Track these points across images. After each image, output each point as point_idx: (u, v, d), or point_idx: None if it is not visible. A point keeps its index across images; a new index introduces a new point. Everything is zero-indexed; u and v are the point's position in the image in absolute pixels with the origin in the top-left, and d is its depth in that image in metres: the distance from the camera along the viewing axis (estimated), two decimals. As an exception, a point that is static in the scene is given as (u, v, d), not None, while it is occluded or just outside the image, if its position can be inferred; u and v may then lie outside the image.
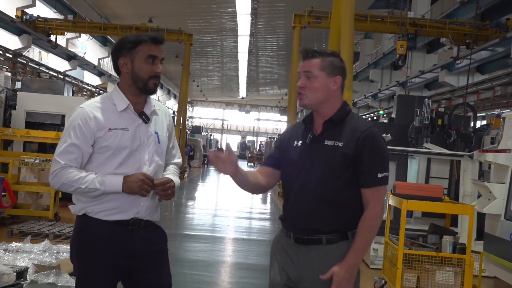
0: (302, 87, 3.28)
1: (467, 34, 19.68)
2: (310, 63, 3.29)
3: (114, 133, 3.23)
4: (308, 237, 3.23)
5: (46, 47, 26.43)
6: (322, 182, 3.23)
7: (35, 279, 7.02)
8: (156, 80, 3.31)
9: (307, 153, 3.28)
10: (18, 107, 14.11)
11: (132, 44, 3.27)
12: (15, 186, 11.41)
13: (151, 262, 3.36)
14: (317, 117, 3.36)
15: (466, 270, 7.01)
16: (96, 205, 3.25)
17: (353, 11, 10.29)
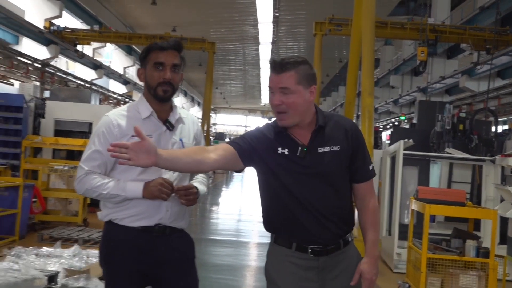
0: (280, 105, 3.03)
1: (487, 39, 19.56)
2: (284, 77, 3.03)
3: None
4: (329, 247, 3.12)
5: (73, 56, 26.66)
6: (332, 190, 3.13)
7: (65, 283, 7.08)
8: (165, 87, 3.28)
9: (305, 165, 3.08)
10: (47, 115, 14.23)
11: (144, 54, 3.33)
12: (44, 192, 11.52)
13: (178, 269, 3.37)
14: (298, 129, 3.13)
15: (490, 274, 6.96)
16: (121, 211, 3.29)
17: (373, 18, 10.27)
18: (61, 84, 23.91)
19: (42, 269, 6.94)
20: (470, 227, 8.67)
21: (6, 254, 8.08)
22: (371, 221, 3.21)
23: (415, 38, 21.50)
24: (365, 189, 3.24)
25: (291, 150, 3.09)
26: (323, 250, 3.11)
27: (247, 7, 27.53)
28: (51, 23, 23.72)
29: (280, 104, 3.01)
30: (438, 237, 7.97)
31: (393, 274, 8.94)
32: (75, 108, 14.59)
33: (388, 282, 8.66)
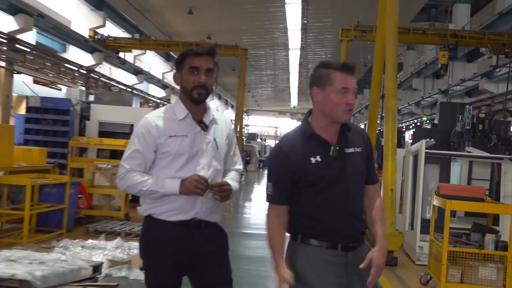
0: (353, 104, 3.06)
1: (506, 43, 19.30)
2: (354, 80, 3.09)
3: (174, 140, 3.28)
4: (354, 243, 3.13)
5: (116, 63, 26.86)
6: (358, 189, 3.17)
7: (109, 273, 7.15)
8: (200, 90, 3.30)
9: (336, 166, 3.08)
10: (91, 118, 14.38)
11: (179, 60, 3.35)
12: (90, 189, 11.65)
13: (212, 260, 3.38)
14: (328, 128, 3.11)
15: (508, 266, 6.89)
16: (159, 206, 3.31)
17: (396, 24, 10.20)
18: (105, 89, 24.11)
19: (88, 260, 7.01)
20: (489, 221, 8.58)
21: (55, 246, 8.19)
22: (380, 217, 3.22)
23: (436, 43, 21.26)
24: (375, 190, 3.28)
25: (323, 154, 3.06)
26: (351, 246, 3.11)
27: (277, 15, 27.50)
28: (95, 32, 23.92)
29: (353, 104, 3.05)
30: (458, 231, 7.90)
31: (416, 266, 8.87)
32: (117, 111, 14.72)
33: (411, 273, 8.59)
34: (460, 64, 26.20)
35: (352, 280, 3.10)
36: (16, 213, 9.28)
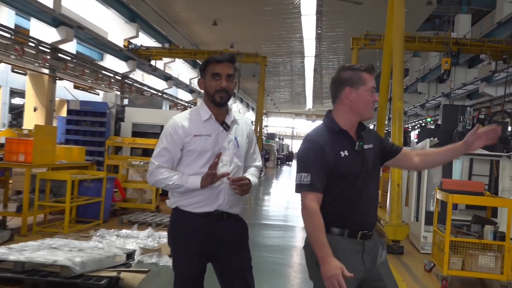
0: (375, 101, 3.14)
1: (504, 50, 19.14)
2: None
3: (199, 139, 3.29)
4: (371, 231, 3.12)
5: (148, 70, 27.03)
6: (375, 181, 3.18)
7: (141, 259, 7.19)
8: (222, 94, 3.30)
9: (360, 160, 3.07)
10: (126, 119, 14.45)
11: (203, 66, 3.36)
12: (124, 184, 11.71)
13: (234, 248, 3.38)
14: (351, 125, 3.12)
15: (505, 255, 6.83)
16: (185, 199, 3.32)
17: (403, 33, 10.13)
18: (138, 93, 24.27)
19: (122, 247, 7.05)
20: (488, 214, 8.51)
21: (92, 235, 8.25)
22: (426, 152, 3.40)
23: (439, 50, 21.12)
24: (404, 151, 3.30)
25: (349, 149, 3.05)
26: (368, 234, 3.10)
27: (294, 26, 27.47)
28: (129, 42, 24.07)
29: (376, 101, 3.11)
30: (459, 222, 7.83)
31: (420, 254, 8.81)
32: (149, 113, 14.78)
33: (416, 261, 8.54)
34: (461, 70, 26.05)
35: (368, 264, 3.09)
36: (58, 206, 9.35)
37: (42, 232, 8.61)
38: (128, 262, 6.51)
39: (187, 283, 3.35)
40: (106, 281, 5.68)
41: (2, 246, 6.51)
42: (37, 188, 8.86)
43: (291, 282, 6.96)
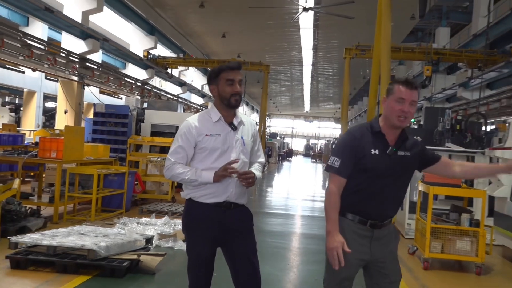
0: (407, 112, 3.04)
1: (479, 59, 19.11)
2: (415, 93, 3.07)
3: (210, 138, 3.29)
4: (382, 222, 3.16)
5: (164, 77, 27.05)
6: (402, 184, 3.19)
7: (158, 244, 7.19)
8: (237, 97, 3.30)
9: (388, 162, 3.09)
10: (145, 120, 14.47)
11: (215, 74, 3.33)
12: (144, 177, 11.73)
13: (241, 234, 3.37)
14: (389, 130, 3.13)
15: (480, 240, 6.83)
16: (198, 191, 3.31)
17: (389, 44, 10.11)
18: (156, 97, 24.30)
19: (142, 233, 7.06)
20: (464, 203, 8.50)
21: (116, 222, 8.26)
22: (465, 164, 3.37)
23: (422, 59, 21.11)
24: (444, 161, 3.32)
25: (381, 150, 3.09)
26: (378, 224, 3.14)
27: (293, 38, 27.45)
28: (148, 53, 24.12)
29: (408, 111, 3.04)
30: (439, 211, 7.82)
31: (405, 239, 8.79)
32: (166, 115, 14.80)
33: (400, 245, 8.40)
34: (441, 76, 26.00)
35: (374, 250, 3.14)
36: (85, 196, 9.37)
37: (71, 220, 8.64)
38: (147, 246, 6.52)
39: (199, 265, 3.35)
40: (128, 263, 5.69)
41: (37, 232, 6.52)
42: (67, 181, 8.89)
43: (290, 264, 6.95)
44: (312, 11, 20.42)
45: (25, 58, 14.52)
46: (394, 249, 3.23)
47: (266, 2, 19.98)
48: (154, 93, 24.85)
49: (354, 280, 3.24)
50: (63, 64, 16.42)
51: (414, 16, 21.76)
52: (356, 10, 18.90)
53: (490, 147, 10.05)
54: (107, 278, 5.51)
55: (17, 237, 6.06)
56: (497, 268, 7.38)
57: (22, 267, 5.65)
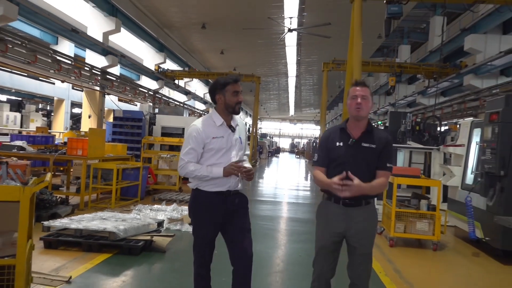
0: (361, 104, 3.17)
1: (435, 71, 19.18)
2: (366, 90, 3.21)
3: (216, 140, 3.31)
4: (354, 201, 3.18)
5: (172, 87, 26.92)
6: (362, 171, 3.16)
7: (168, 227, 7.19)
8: (239, 105, 3.36)
9: (350, 151, 3.17)
10: (156, 123, 14.44)
11: (222, 85, 3.35)
12: (155, 171, 11.72)
13: (238, 215, 3.40)
14: (355, 126, 3.23)
15: (436, 221, 6.87)
16: (203, 182, 3.32)
17: (360, 59, 10.13)
18: (165, 104, 24.22)
19: (154, 218, 7.04)
20: (423, 191, 8.55)
21: (132, 209, 8.25)
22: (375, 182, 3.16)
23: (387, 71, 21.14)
24: (381, 173, 3.21)
25: (345, 142, 3.21)
26: (350, 204, 3.19)
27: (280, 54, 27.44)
28: (158, 67, 24.00)
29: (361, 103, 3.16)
30: (402, 198, 7.86)
31: (374, 222, 8.81)
32: (173, 119, 14.78)
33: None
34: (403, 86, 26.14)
35: (348, 224, 3.19)
36: (106, 187, 9.34)
37: (95, 207, 8.61)
38: (159, 229, 6.52)
39: (204, 244, 3.36)
40: (142, 243, 5.69)
41: (66, 218, 6.50)
42: (91, 174, 8.88)
43: (278, 242, 6.96)
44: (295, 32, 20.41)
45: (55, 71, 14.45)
46: (368, 227, 3.22)
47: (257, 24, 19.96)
48: (163, 101, 24.76)
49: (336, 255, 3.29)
50: (87, 77, 16.34)
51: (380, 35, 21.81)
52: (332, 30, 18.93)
53: (444, 145, 10.09)
54: (125, 256, 5.50)
55: (49, 221, 6.05)
56: (450, 245, 7.43)
57: (54, 247, 5.64)
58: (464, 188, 7.77)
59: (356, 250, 3.20)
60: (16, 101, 23.72)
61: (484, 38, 15.94)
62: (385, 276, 5.36)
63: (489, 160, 6.60)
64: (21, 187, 2.95)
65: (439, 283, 5.39)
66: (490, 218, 6.44)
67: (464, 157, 8.09)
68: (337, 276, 3.37)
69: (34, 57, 12.83)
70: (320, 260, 3.28)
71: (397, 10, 9.58)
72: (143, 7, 19.47)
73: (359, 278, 3.21)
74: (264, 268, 5.43)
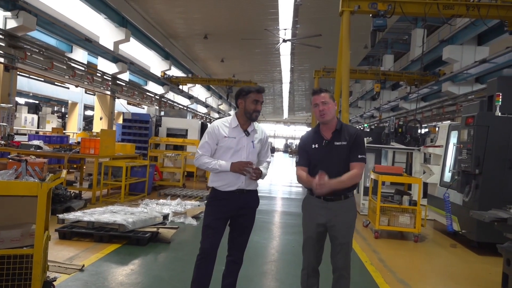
0: (322, 110, 3.21)
1: (416, 79, 19.23)
2: (324, 95, 3.24)
3: (227, 139, 3.32)
4: (332, 197, 3.20)
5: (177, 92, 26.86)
6: (339, 167, 3.18)
7: (172, 220, 7.17)
8: (257, 113, 3.34)
9: (325, 151, 3.21)
10: (162, 125, 14.42)
11: (245, 92, 3.36)
12: (161, 168, 11.70)
13: (245, 213, 3.39)
14: (326, 128, 3.27)
15: (417, 215, 6.88)
16: (218, 181, 3.32)
17: (348, 67, 10.15)
18: (170, 108, 24.17)
19: (160, 211, 7.03)
20: (405, 188, 8.55)
21: (140, 203, 8.23)
22: (346, 176, 3.15)
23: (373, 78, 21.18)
24: (354, 165, 3.20)
25: (319, 144, 3.24)
26: (330, 199, 3.21)
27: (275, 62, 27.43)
28: (164, 73, 23.94)
29: (324, 109, 3.21)
30: (386, 194, 7.88)
31: (360, 215, 8.83)
32: (178, 121, 14.76)
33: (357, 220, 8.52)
34: (387, 92, 26.18)
35: (329, 217, 3.21)
36: (116, 183, 9.32)
37: (105, 202, 8.57)
38: (164, 222, 6.51)
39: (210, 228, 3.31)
40: (149, 234, 5.68)
41: (79, 211, 6.48)
42: (102, 171, 8.84)
43: (273, 234, 6.96)
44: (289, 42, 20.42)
45: (69, 77, 14.41)
46: (347, 219, 3.23)
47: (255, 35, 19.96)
48: (169, 104, 24.71)
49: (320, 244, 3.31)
50: (99, 82, 16.30)
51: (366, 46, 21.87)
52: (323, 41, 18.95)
53: (424, 146, 10.11)
54: (134, 246, 5.49)
55: (63, 214, 6.03)
56: (430, 237, 7.45)
57: (68, 238, 5.62)
58: (442, 185, 7.79)
59: (336, 240, 3.22)
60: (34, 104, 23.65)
61: (461, 48, 16.00)
62: (371, 265, 5.37)
63: (465, 160, 6.62)
64: (39, 183, 2.94)
65: (420, 272, 5.40)
66: (466, 212, 6.45)
67: (443, 157, 8.11)
68: (327, 264, 3.37)
69: (50, 64, 12.79)
70: (307, 249, 3.32)
71: (382, 23, 9.60)
72: (151, 19, 19.45)
73: (341, 265, 3.23)
74: (260, 257, 5.42)
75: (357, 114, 34.55)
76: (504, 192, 6.22)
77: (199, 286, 3.30)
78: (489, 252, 6.23)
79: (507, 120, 6.42)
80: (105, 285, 4.08)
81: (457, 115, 16.66)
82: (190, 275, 3.35)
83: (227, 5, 17.24)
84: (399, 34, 24.48)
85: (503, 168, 6.31)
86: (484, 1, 9.62)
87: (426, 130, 19.23)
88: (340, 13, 9.99)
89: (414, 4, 9.67)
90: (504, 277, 4.25)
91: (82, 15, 15.57)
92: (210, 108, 36.39)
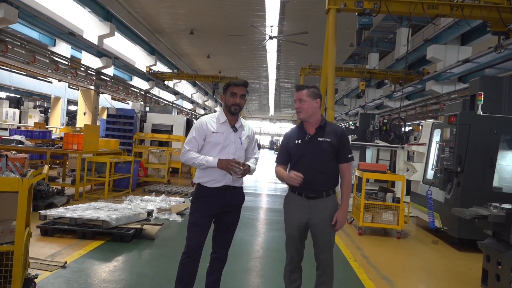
0: (298, 107, 3.26)
1: (400, 77, 19.43)
2: (300, 93, 3.25)
3: (215, 135, 3.29)
4: (315, 194, 3.20)
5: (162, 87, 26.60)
6: (322, 164, 3.19)
7: (157, 216, 7.13)
8: (236, 107, 3.31)
9: (307, 146, 3.21)
10: (147, 121, 14.30)
11: (226, 86, 3.36)
12: (146, 164, 11.62)
13: (230, 210, 3.37)
14: (308, 125, 3.27)
15: (400, 212, 6.96)
16: (204, 177, 3.29)
17: (334, 65, 10.20)
18: (155, 103, 23.96)
19: (144, 208, 6.98)
20: (389, 185, 8.66)
21: (124, 199, 8.16)
22: (345, 190, 3.28)
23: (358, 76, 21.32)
24: (345, 167, 3.27)
25: (302, 139, 3.24)
26: (312, 197, 3.21)
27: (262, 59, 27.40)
28: (150, 69, 23.69)
29: (298, 107, 3.26)
30: (370, 191, 7.95)
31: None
32: (163, 117, 14.64)
33: (341, 217, 8.61)
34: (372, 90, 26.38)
35: (311, 214, 3.21)
36: (100, 179, 9.21)
37: (89, 198, 8.48)
38: (148, 218, 6.47)
39: (196, 226, 3.27)
40: (133, 231, 5.63)
41: (61, 207, 6.40)
42: (86, 167, 8.74)
43: (258, 231, 6.97)
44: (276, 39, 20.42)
45: (52, 71, 14.16)
46: (328, 216, 3.21)
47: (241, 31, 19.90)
48: (154, 100, 24.50)
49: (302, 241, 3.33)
50: (83, 77, 16.05)
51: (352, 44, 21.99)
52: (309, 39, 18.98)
53: (408, 143, 10.23)
54: (117, 243, 5.44)
55: (45, 211, 5.95)
56: (413, 234, 7.55)
57: (50, 235, 5.54)
58: (425, 183, 7.90)
59: (318, 237, 3.23)
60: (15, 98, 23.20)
61: (444, 48, 16.22)
62: (354, 262, 5.42)
63: (447, 158, 6.72)
64: (19, 178, 2.89)
65: (402, 268, 5.47)
66: (448, 209, 6.56)
67: (426, 155, 8.22)
68: (311, 260, 3.39)
69: (33, 57, 12.55)
70: (290, 246, 3.34)
71: (368, 21, 9.66)
72: (136, 13, 19.22)
73: (324, 262, 3.25)
74: (245, 254, 5.43)
75: (342, 112, 34.77)
76: (484, 190, 6.34)
77: (184, 285, 3.26)
78: (470, 249, 6.35)
79: (489, 119, 6.53)
80: (88, 282, 4.03)
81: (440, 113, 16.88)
82: (174, 272, 3.32)
83: (214, 1, 17.15)
84: (384, 33, 24.70)
85: (484, 166, 6.43)
86: (468, 2, 9.77)
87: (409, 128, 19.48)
88: (326, 11, 10.02)
89: (399, 3, 9.76)
90: (484, 273, 4.34)
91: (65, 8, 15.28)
92: (196, 104, 36.20)
